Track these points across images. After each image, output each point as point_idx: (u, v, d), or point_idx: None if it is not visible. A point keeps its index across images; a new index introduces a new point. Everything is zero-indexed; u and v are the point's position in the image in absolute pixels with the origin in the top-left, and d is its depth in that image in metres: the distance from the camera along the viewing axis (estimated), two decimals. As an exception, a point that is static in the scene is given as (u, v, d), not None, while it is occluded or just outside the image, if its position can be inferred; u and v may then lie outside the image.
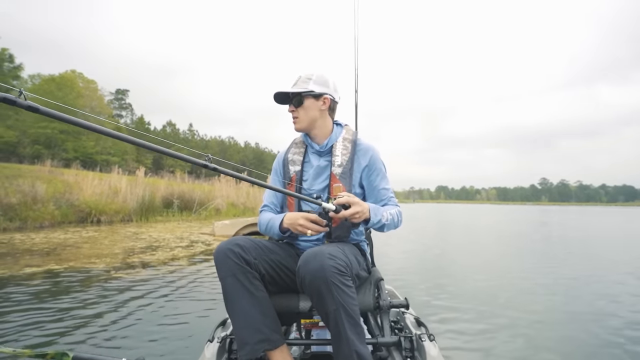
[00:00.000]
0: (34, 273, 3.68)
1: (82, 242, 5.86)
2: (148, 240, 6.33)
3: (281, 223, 1.33)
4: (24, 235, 6.39)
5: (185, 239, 6.64)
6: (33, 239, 5.99)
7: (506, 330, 2.46)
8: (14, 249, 5.08)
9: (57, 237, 6.32)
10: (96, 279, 3.55)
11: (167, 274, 3.84)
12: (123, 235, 6.97)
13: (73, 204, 9.20)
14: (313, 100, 1.39)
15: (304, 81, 1.39)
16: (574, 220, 19.48)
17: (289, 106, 1.43)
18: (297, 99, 1.39)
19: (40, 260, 4.30)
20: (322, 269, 1.04)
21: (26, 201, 7.96)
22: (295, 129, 1.43)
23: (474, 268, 4.88)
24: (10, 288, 3.15)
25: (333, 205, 1.17)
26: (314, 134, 1.43)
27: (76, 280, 3.47)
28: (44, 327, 2.28)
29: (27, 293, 3.01)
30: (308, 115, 1.39)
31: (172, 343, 2.12)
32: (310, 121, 1.40)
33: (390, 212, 1.35)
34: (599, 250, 7.06)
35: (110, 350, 2.01)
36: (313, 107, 1.40)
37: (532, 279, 4.16)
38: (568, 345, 2.27)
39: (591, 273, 4.57)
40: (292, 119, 1.42)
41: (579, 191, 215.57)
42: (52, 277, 3.56)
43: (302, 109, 1.39)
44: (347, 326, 1.04)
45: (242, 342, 1.12)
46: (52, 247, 5.33)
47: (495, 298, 3.29)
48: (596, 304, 3.13)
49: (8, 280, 3.40)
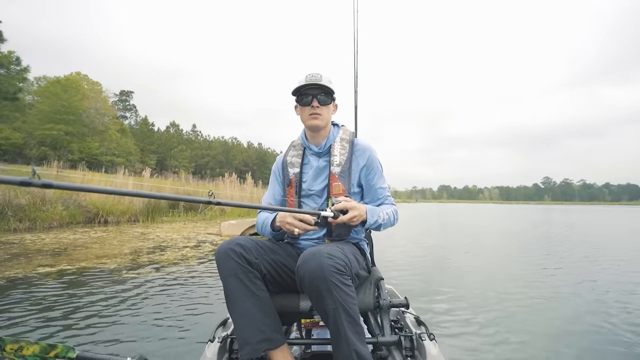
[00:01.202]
0: (48, 273, 3.76)
1: (91, 243, 5.95)
2: (156, 241, 6.40)
3: (274, 221, 1.37)
4: (34, 236, 6.48)
5: (193, 239, 6.71)
6: (43, 240, 6.08)
7: (507, 330, 2.46)
8: (26, 249, 5.16)
9: (67, 238, 6.40)
10: (107, 279, 3.61)
11: (177, 274, 3.91)
12: (131, 236, 7.05)
13: (80, 204, 9.31)
14: (332, 103, 1.46)
15: (328, 82, 1.40)
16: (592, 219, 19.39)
17: (307, 100, 1.40)
18: (324, 97, 1.40)
19: (52, 261, 4.38)
20: (321, 268, 1.05)
21: (35, 202, 8.07)
22: (312, 125, 1.41)
23: (474, 268, 4.90)
24: (24, 287, 3.22)
25: (331, 212, 1.19)
26: (320, 134, 1.46)
27: (88, 280, 3.54)
28: (52, 326, 2.34)
29: (41, 292, 3.08)
30: (328, 116, 1.44)
31: (173, 343, 2.14)
32: (327, 122, 1.45)
33: (386, 211, 1.38)
34: (608, 250, 7.05)
35: (114, 348, 2.04)
36: (331, 109, 1.47)
37: (533, 279, 4.17)
38: (569, 345, 2.28)
39: (595, 274, 4.58)
40: (313, 114, 1.40)
41: (582, 190, 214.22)
42: (65, 277, 3.63)
43: (326, 108, 1.42)
44: (346, 325, 1.05)
45: (243, 341, 1.12)
46: (62, 247, 5.41)
47: (495, 298, 3.31)
48: (600, 305, 3.12)
49: (22, 280, 3.47)
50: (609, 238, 9.40)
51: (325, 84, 1.38)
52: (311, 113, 1.40)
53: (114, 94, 47.31)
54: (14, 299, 2.88)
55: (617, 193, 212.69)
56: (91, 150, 32.03)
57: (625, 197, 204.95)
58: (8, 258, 4.45)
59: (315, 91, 1.39)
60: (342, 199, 1.26)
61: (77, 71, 35.25)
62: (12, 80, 17.95)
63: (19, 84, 19.72)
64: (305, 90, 1.40)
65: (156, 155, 48.37)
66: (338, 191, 1.38)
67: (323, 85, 1.38)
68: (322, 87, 1.38)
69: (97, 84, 36.32)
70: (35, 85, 32.54)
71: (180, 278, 3.74)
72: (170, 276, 3.80)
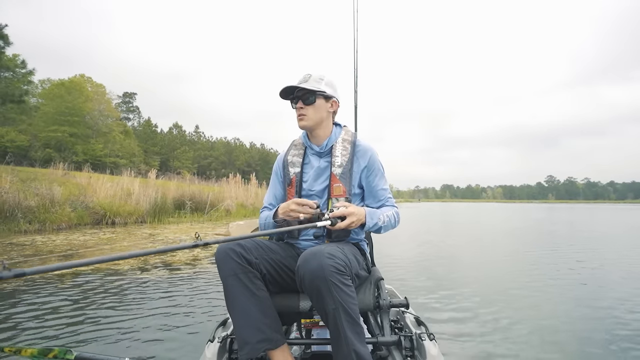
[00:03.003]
0: (63, 274, 3.79)
1: (102, 244, 5.99)
2: (165, 242, 6.44)
3: (276, 213, 1.37)
4: (44, 237, 6.53)
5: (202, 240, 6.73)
6: (54, 241, 6.13)
7: (507, 330, 2.46)
8: (38, 250, 5.21)
9: (77, 239, 6.45)
10: (121, 280, 3.65)
11: (189, 275, 3.93)
12: (140, 237, 7.09)
13: (88, 206, 9.37)
14: (323, 101, 1.42)
15: (317, 81, 1.40)
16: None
17: (295, 102, 1.42)
18: (307, 97, 1.39)
19: (66, 262, 4.41)
20: (321, 268, 1.05)
21: (44, 204, 8.13)
22: (300, 126, 1.43)
23: (475, 268, 4.90)
24: (42, 289, 3.26)
25: (328, 221, 1.18)
26: (316, 134, 1.45)
27: (104, 282, 3.58)
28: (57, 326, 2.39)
29: (60, 294, 3.12)
30: (317, 115, 1.41)
31: (175, 343, 2.16)
32: (317, 121, 1.42)
33: (387, 213, 1.36)
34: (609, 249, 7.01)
35: (115, 348, 2.06)
36: (323, 108, 1.42)
37: (535, 279, 4.16)
38: (569, 345, 2.27)
39: (599, 274, 4.56)
40: (298, 115, 1.41)
41: (586, 189, 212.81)
42: (81, 278, 3.67)
43: (311, 108, 1.40)
44: (346, 325, 1.05)
45: (243, 341, 1.12)
46: (74, 248, 5.46)
47: (497, 297, 3.31)
48: (603, 305, 3.08)
49: (40, 281, 3.51)
50: (615, 236, 9.35)
51: (308, 85, 1.38)
52: (298, 114, 1.41)
53: (117, 96, 47.57)
54: (30, 302, 2.92)
55: (622, 191, 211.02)
56: (95, 152, 32.19)
57: (630, 195, 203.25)
58: (23, 260, 4.50)
59: (300, 92, 1.40)
60: (341, 204, 1.25)
61: (81, 73, 35.49)
62: (18, 83, 18.06)
63: (24, 86, 19.84)
64: (292, 93, 1.42)
65: (159, 157, 48.53)
66: (339, 192, 1.37)
67: (294, 87, 1.39)
68: (303, 88, 1.38)
69: (101, 86, 36.51)
70: (39, 87, 32.72)
71: (192, 279, 3.77)
72: (182, 277, 3.83)
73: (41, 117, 29.35)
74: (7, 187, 7.93)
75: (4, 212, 7.40)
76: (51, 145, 29.32)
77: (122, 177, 12.47)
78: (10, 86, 18.11)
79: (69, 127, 29.90)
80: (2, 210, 7.39)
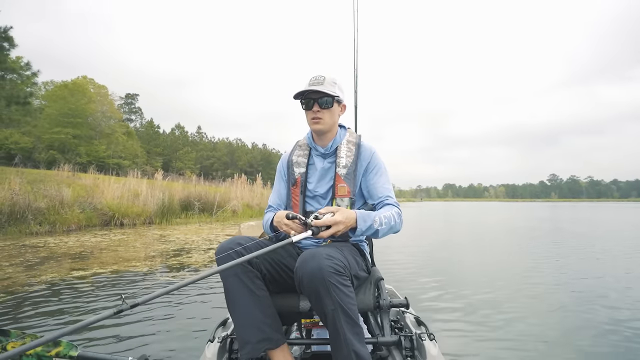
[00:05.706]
0: (83, 276, 3.75)
1: (115, 245, 5.95)
2: (177, 243, 6.39)
3: (273, 220, 1.36)
4: (56, 239, 6.50)
5: (214, 241, 6.70)
6: (66, 243, 6.10)
7: (507, 330, 2.43)
8: (53, 252, 5.17)
9: (89, 241, 6.42)
10: (123, 280, 3.61)
11: (193, 274, 3.88)
12: (151, 238, 7.05)
13: (96, 207, 9.34)
14: (337, 105, 1.44)
15: (331, 84, 1.39)
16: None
17: (309, 104, 1.39)
18: (325, 101, 1.38)
19: (83, 264, 4.37)
20: (319, 269, 1.04)
21: (54, 205, 8.11)
22: (314, 130, 1.43)
23: (475, 268, 4.83)
24: (65, 291, 3.21)
25: (309, 231, 1.14)
26: (324, 136, 1.45)
27: (106, 282, 3.54)
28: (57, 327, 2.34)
29: (83, 296, 3.08)
30: (332, 119, 1.42)
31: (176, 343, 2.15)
32: (331, 124, 1.43)
33: (385, 214, 1.28)
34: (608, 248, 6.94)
35: (115, 348, 2.05)
36: (336, 112, 1.45)
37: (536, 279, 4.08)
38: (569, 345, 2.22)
39: (602, 274, 4.49)
40: (314, 119, 1.39)
41: (589, 187, 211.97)
42: (101, 279, 3.62)
43: (328, 112, 1.40)
44: (345, 326, 1.05)
45: (243, 341, 1.12)
46: (87, 250, 5.42)
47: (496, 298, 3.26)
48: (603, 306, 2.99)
49: (59, 283, 3.47)
50: (619, 233, 9.26)
51: (325, 89, 1.35)
52: (313, 117, 1.40)
53: (119, 97, 47.62)
54: (52, 302, 2.88)
55: (625, 189, 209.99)
56: (98, 153, 32.22)
57: (634, 194, 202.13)
58: (39, 262, 4.46)
59: (316, 95, 1.37)
60: (325, 210, 1.19)
61: (84, 75, 35.55)
62: (22, 85, 18.07)
63: (28, 88, 19.87)
64: (308, 94, 1.40)
65: (162, 157, 48.60)
66: (343, 192, 1.38)
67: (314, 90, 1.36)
68: (325, 92, 1.36)
69: (103, 88, 36.56)
70: (43, 89, 32.78)
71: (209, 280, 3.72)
72: (184, 277, 3.77)
73: (45, 119, 29.39)
74: (17, 189, 7.91)
75: (14, 213, 7.37)
76: (55, 146, 29.36)
77: (128, 179, 12.45)
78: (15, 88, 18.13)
79: (72, 129, 29.95)
80: (13, 212, 7.37)
